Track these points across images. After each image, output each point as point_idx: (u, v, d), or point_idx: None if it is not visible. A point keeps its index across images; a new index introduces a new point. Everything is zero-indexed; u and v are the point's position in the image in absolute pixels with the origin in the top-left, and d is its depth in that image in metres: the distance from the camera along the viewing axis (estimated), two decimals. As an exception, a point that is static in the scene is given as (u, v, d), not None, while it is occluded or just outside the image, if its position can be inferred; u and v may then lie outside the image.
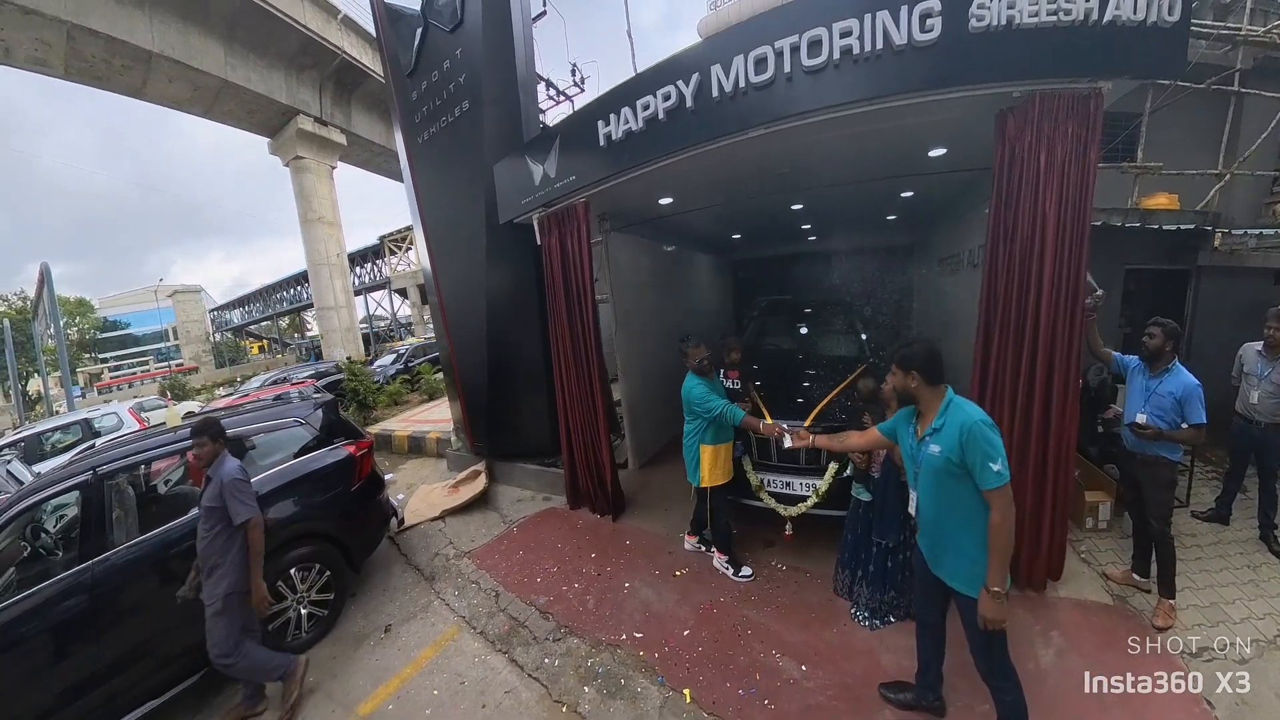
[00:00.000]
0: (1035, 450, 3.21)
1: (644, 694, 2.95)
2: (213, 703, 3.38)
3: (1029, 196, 3.00)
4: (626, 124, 3.91)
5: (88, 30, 15.49)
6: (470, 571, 4.40)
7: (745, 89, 3.32)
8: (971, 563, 2.16)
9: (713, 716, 2.77)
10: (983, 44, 2.80)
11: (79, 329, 48.41)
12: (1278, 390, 3.61)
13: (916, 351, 2.24)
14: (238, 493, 2.97)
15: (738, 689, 2.91)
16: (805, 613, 3.47)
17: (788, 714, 2.73)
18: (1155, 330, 3.18)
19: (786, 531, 4.01)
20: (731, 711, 2.77)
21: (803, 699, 2.80)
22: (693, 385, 3.79)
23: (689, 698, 2.88)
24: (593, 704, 2.94)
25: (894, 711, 2.66)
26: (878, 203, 6.56)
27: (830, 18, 2.98)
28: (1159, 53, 2.78)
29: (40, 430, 10.10)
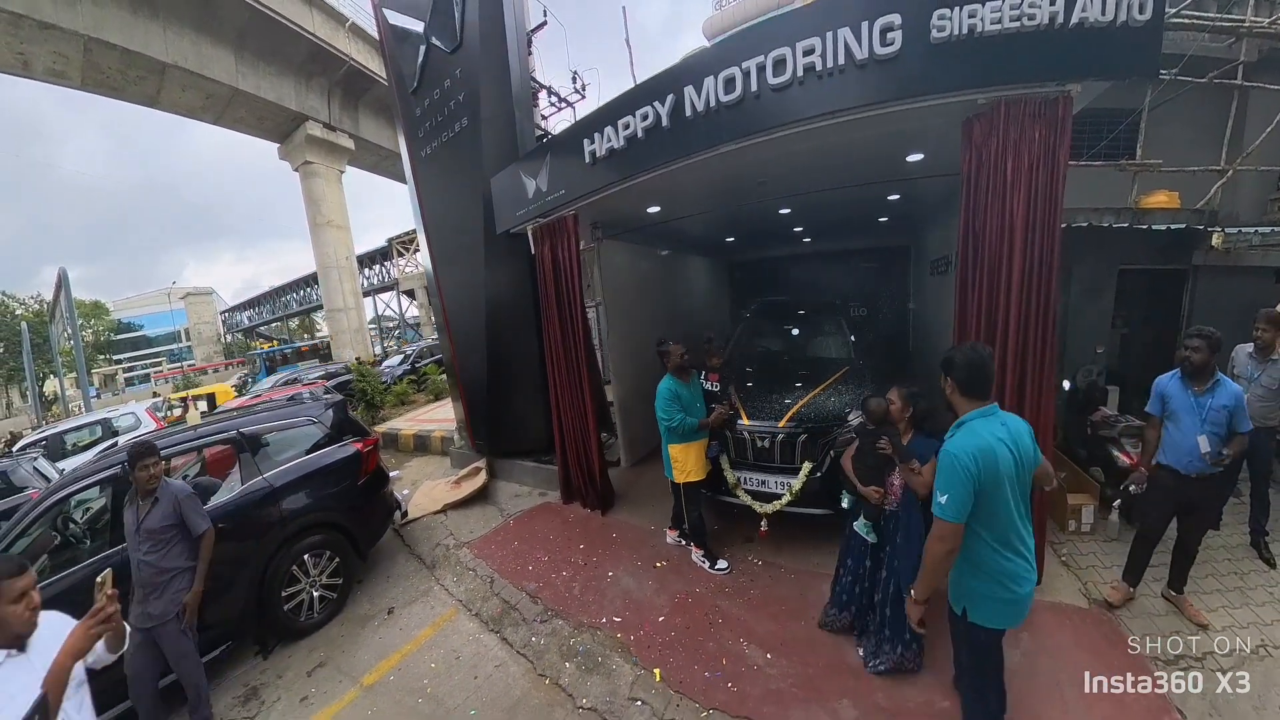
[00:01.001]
0: None
1: (618, 671, 3.23)
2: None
3: (996, 202, 3.02)
4: (609, 141, 4.17)
5: (104, 43, 15.94)
6: (468, 560, 4.73)
7: (716, 108, 3.50)
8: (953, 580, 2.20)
9: (678, 694, 2.99)
10: (945, 54, 2.84)
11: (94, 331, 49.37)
12: (1268, 393, 3.48)
13: (957, 357, 2.10)
14: (196, 507, 3.12)
15: (704, 671, 3.12)
16: (776, 605, 3.63)
17: (749, 696, 2.90)
18: (1198, 343, 2.88)
19: (762, 528, 4.17)
20: (696, 691, 2.99)
21: (764, 684, 2.98)
22: (661, 389, 4.03)
23: (658, 677, 3.12)
24: (572, 678, 3.24)
25: (851, 701, 2.78)
26: (867, 206, 6.58)
27: (794, 37, 3.14)
28: (1130, 52, 2.74)
29: (62, 429, 10.54)
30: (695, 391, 4.22)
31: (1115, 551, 3.74)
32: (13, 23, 14.60)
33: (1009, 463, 1.98)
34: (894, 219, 7.76)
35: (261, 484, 4.09)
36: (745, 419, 4.39)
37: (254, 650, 3.99)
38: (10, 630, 1.74)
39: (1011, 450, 2.00)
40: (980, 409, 2.07)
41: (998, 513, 2.00)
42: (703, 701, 2.92)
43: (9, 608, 1.73)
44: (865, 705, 2.76)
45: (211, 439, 4.25)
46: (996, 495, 1.98)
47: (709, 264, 10.74)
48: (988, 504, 1.99)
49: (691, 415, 4.00)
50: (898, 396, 2.83)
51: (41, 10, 14.48)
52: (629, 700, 3.01)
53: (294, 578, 4.07)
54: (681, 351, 4.11)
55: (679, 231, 7.49)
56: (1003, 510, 2.00)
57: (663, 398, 4.00)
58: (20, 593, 1.76)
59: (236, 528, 3.86)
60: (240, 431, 4.26)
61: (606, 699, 3.05)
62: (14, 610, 1.74)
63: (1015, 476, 2.01)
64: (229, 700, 3.53)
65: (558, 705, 3.08)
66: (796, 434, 4.19)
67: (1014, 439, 2.03)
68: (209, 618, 3.62)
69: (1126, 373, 5.80)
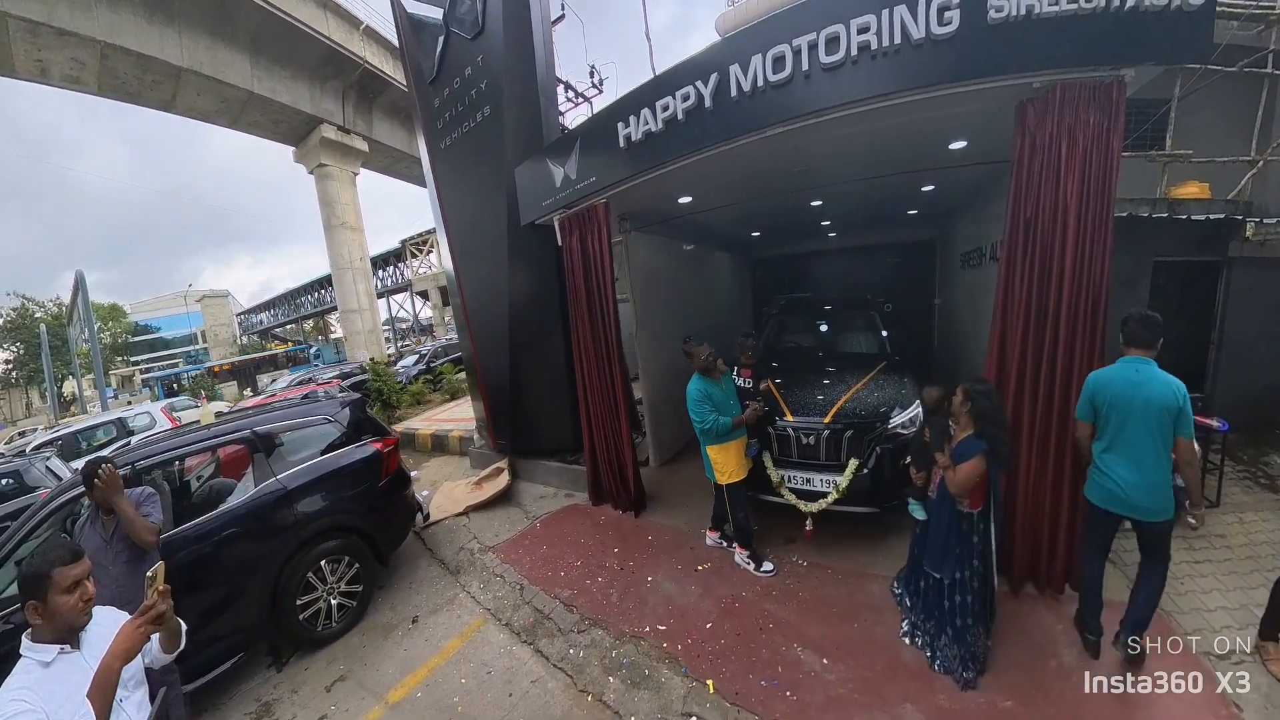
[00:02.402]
0: (1055, 449, 3.10)
1: (668, 684, 3.00)
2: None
3: (1050, 188, 2.94)
4: (646, 125, 3.97)
5: (120, 49, 16.06)
6: (495, 565, 4.49)
7: (764, 88, 3.34)
8: None
9: (735, 707, 2.80)
10: (1002, 35, 2.76)
11: (112, 333, 50.07)
12: None
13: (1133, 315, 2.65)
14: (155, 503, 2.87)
15: (760, 680, 2.94)
16: (826, 608, 3.47)
17: (810, 705, 2.75)
18: None
19: (807, 527, 4.03)
20: (754, 702, 2.81)
21: (825, 691, 2.82)
22: (691, 390, 3.88)
23: (712, 688, 2.92)
24: (618, 693, 2.99)
25: (914, 704, 2.66)
26: (899, 197, 6.49)
27: (848, 14, 2.98)
28: (1183, 37, 2.69)
29: (76, 429, 10.51)
30: (728, 390, 4.04)
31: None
32: (30, 30, 14.74)
33: (1122, 396, 2.57)
34: (923, 211, 7.65)
35: (275, 485, 3.88)
36: (789, 415, 4.23)
37: (267, 662, 3.76)
38: (62, 623, 1.62)
39: (1130, 389, 2.56)
40: (1128, 357, 2.63)
41: (1107, 425, 2.65)
42: (762, 713, 2.75)
43: (60, 598, 1.61)
44: (927, 706, 2.65)
45: (223, 439, 4.05)
46: (1109, 413, 2.62)
47: (731, 259, 10.53)
48: (1100, 417, 2.68)
49: (725, 414, 3.82)
50: (960, 391, 2.79)
51: (58, 17, 14.61)
52: (683, 716, 2.81)
53: (310, 585, 3.84)
54: (707, 352, 3.91)
55: (704, 225, 7.30)
56: (1110, 427, 2.64)
57: (693, 400, 3.85)
58: (74, 581, 1.64)
59: (248, 531, 3.66)
60: (254, 431, 4.06)
61: (658, 715, 2.82)
62: (66, 601, 1.62)
63: (1127, 408, 2.56)
64: (239, 717, 3.30)
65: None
66: (841, 430, 4.06)
67: (1139, 383, 2.56)
68: (219, 628, 3.42)
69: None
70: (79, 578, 1.65)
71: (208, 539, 3.50)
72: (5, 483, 6.62)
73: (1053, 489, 3.17)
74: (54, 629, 1.61)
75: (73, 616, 1.63)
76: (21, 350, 40.77)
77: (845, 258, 10.48)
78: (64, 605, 1.61)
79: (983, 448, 2.63)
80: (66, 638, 1.64)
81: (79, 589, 1.64)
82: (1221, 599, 3.13)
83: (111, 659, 1.58)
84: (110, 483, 2.65)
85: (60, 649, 1.60)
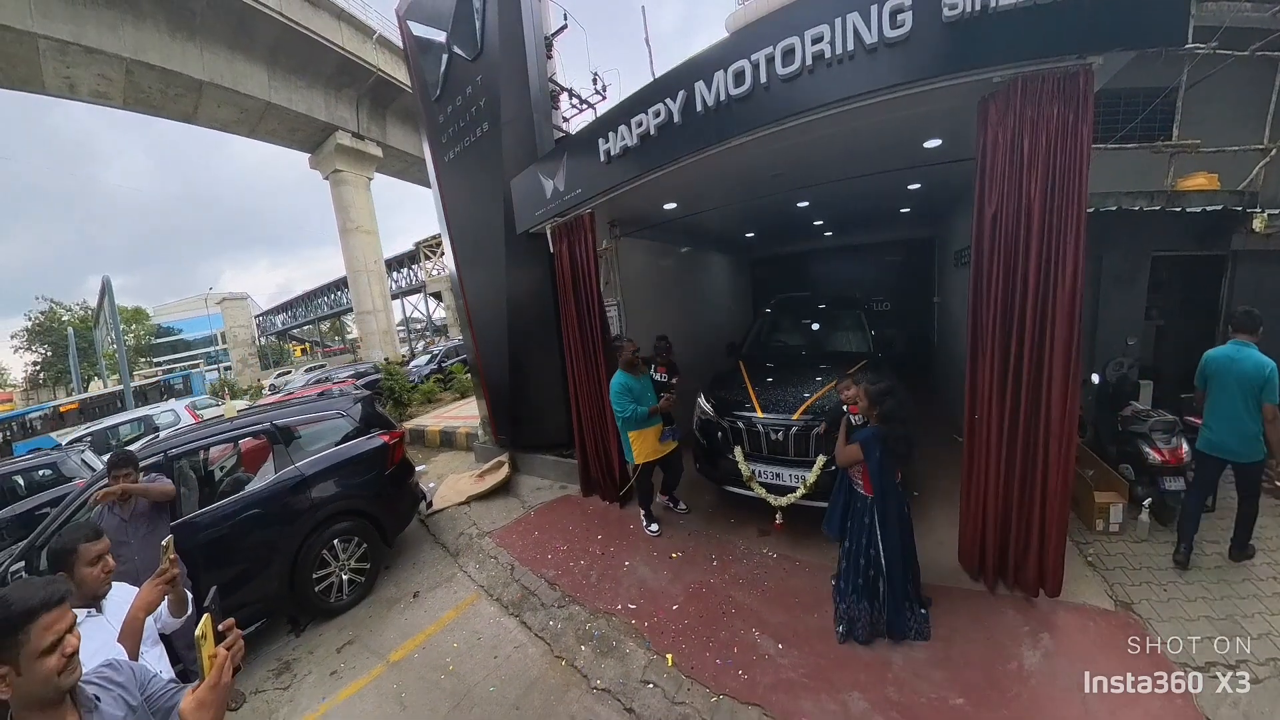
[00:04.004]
0: (1022, 453, 3.11)
1: (632, 655, 3.32)
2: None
3: (1013, 186, 2.91)
4: (623, 140, 4.28)
5: (145, 64, 16.76)
6: (490, 549, 4.88)
7: (726, 101, 3.56)
8: None
9: (689, 679, 3.05)
10: (958, 32, 2.76)
11: (136, 335, 51.56)
12: None
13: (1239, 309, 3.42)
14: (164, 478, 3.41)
15: (715, 658, 3.17)
16: (789, 598, 3.63)
17: (759, 685, 2.93)
18: None
19: (777, 521, 4.17)
20: (707, 676, 3.04)
21: (775, 673, 2.99)
22: (614, 386, 4.47)
23: (670, 662, 3.19)
24: (587, 660, 3.35)
25: (861, 693, 2.76)
26: (886, 196, 6.52)
27: (803, 25, 3.14)
28: (1156, 18, 2.58)
29: (108, 425, 11.16)
30: (645, 384, 4.63)
31: (1144, 552, 3.64)
32: (60, 49, 15.44)
33: (1223, 368, 3.35)
34: (916, 210, 7.64)
35: (293, 472, 4.31)
36: (759, 411, 4.44)
37: (287, 629, 4.22)
38: (89, 590, 1.93)
39: (1229, 363, 3.33)
40: (1235, 340, 3.37)
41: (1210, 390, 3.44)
42: (713, 687, 2.97)
43: (86, 569, 1.91)
44: (875, 697, 2.73)
45: (246, 431, 4.48)
46: (1213, 381, 3.41)
47: (729, 261, 10.75)
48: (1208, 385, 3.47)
49: (642, 405, 4.41)
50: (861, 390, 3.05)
51: (86, 36, 15.29)
52: (641, 683, 3.09)
53: (325, 561, 4.28)
54: (634, 348, 4.52)
55: (697, 228, 7.56)
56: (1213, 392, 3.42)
57: (614, 392, 4.44)
58: (97, 555, 1.94)
59: (270, 512, 4.09)
60: (274, 424, 4.49)
61: (620, 681, 3.14)
62: (91, 572, 1.92)
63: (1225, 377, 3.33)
64: (263, 673, 3.75)
65: (573, 685, 3.19)
66: (811, 426, 4.20)
67: (1237, 359, 3.30)
68: (245, 596, 3.88)
69: (1161, 366, 5.62)
70: (101, 552, 1.96)
71: (234, 518, 3.95)
72: (44, 473, 7.19)
73: (1021, 490, 3.16)
74: (80, 596, 1.89)
75: (96, 585, 1.94)
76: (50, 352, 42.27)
77: (845, 257, 10.51)
78: (89, 576, 1.91)
79: (864, 437, 2.94)
80: (91, 604, 1.93)
81: (100, 562, 1.95)
82: (1206, 608, 3.08)
83: (137, 610, 1.95)
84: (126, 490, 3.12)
85: (88, 612, 1.90)
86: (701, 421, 4.92)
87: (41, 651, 1.20)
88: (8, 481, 6.99)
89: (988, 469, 3.25)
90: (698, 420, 5.00)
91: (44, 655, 1.21)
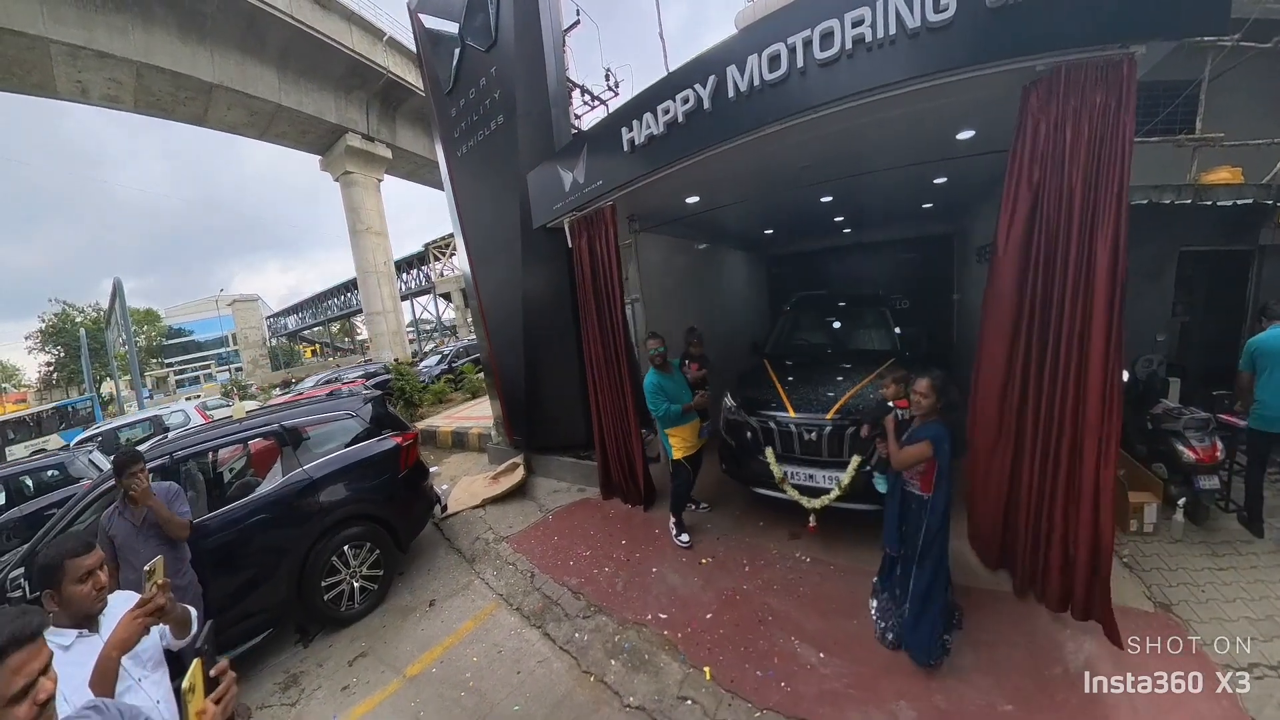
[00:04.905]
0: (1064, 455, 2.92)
1: (666, 669, 3.12)
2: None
3: (1054, 176, 2.81)
4: (648, 129, 4.11)
5: (155, 68, 16.88)
6: (508, 554, 4.67)
7: (760, 87, 3.41)
8: None
9: (730, 693, 2.87)
10: (1001, 18, 2.68)
11: (147, 337, 52.09)
12: None
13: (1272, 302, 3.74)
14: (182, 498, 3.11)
15: (756, 670, 3.00)
16: (825, 603, 3.49)
17: (804, 697, 2.78)
18: None
19: (810, 524, 4.02)
20: (749, 690, 2.87)
21: (819, 684, 2.85)
22: (646, 386, 4.34)
23: (708, 675, 3.00)
24: (618, 675, 3.14)
25: (908, 702, 2.66)
26: (911, 191, 6.37)
27: (842, 8, 2.99)
28: (1198, 7, 2.55)
29: (116, 425, 11.07)
30: (679, 380, 4.51)
31: (1180, 553, 3.54)
32: (71, 53, 15.56)
33: (1273, 350, 3.62)
34: (938, 205, 7.51)
35: (301, 475, 4.12)
36: (791, 411, 4.29)
37: (295, 638, 4.02)
38: (77, 610, 1.69)
39: (1276, 344, 3.62)
40: (1276, 325, 3.67)
41: (1262, 371, 3.67)
42: (756, 701, 2.80)
43: (74, 587, 1.67)
44: (923, 706, 2.62)
45: (255, 433, 4.31)
46: (1264, 362, 3.65)
47: (747, 258, 10.58)
48: (1257, 367, 3.69)
49: (676, 403, 4.28)
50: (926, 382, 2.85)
51: (97, 41, 15.40)
52: (678, 699, 2.90)
53: (334, 568, 4.08)
54: (653, 348, 4.39)
55: (716, 224, 7.38)
56: (1264, 372, 3.66)
57: (648, 391, 4.30)
58: (86, 571, 1.70)
59: (277, 517, 3.90)
60: (282, 425, 4.31)
61: (655, 697, 2.94)
62: (80, 590, 1.68)
63: (1274, 357, 3.61)
64: (269, 686, 3.55)
65: (604, 703, 2.98)
66: (844, 426, 4.07)
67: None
68: (250, 605, 3.68)
69: (1187, 363, 5.53)
70: (91, 568, 1.71)
71: (240, 523, 3.76)
72: (51, 474, 7.08)
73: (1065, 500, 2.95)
74: (70, 616, 1.68)
75: (86, 604, 1.69)
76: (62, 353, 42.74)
77: (862, 254, 10.35)
78: (77, 594, 1.67)
79: (933, 434, 2.74)
80: (84, 623, 1.70)
81: (91, 578, 1.70)
82: (1245, 608, 2.99)
83: (109, 649, 1.61)
84: (143, 494, 2.89)
85: (79, 633, 1.67)
86: (729, 422, 4.75)
87: (9, 699, 1.02)
88: (14, 481, 6.89)
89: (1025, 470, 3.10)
90: (724, 420, 4.83)
91: (12, 704, 1.02)
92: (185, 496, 3.20)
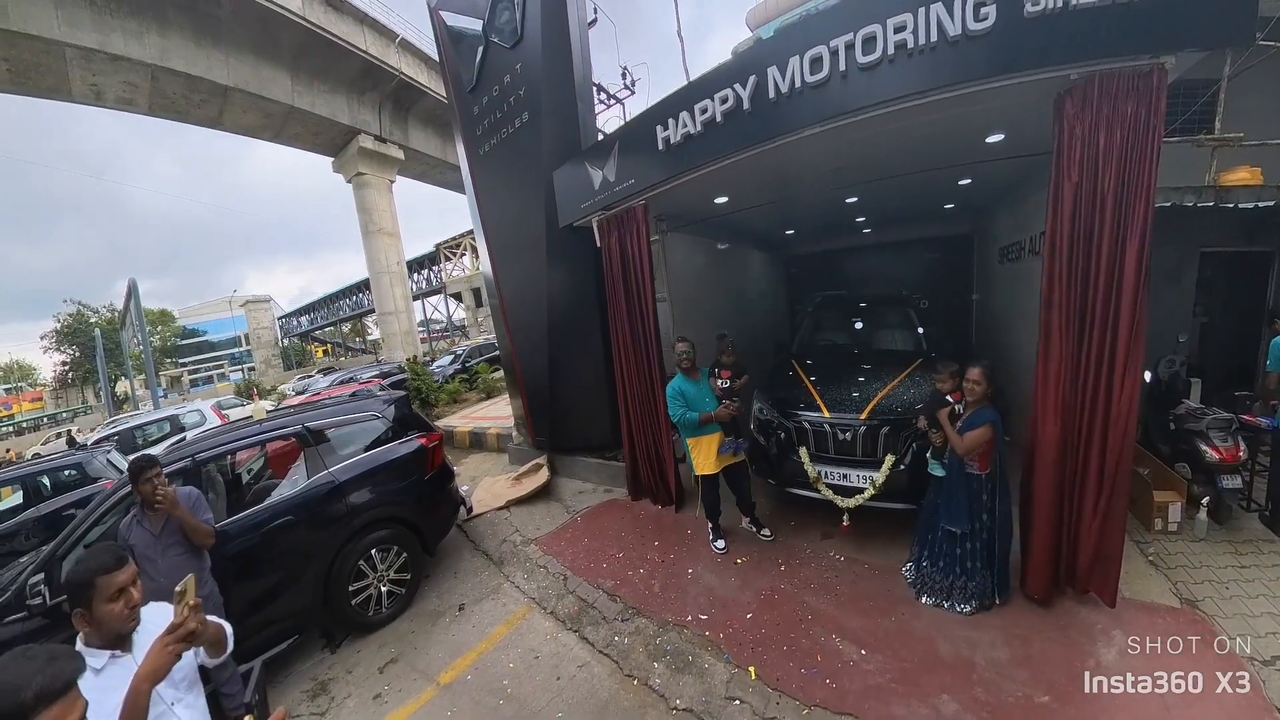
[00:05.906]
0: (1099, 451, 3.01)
1: (711, 670, 3.06)
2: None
3: (1089, 180, 2.89)
4: (685, 128, 4.04)
5: (170, 71, 16.93)
6: (537, 557, 4.60)
7: (801, 89, 3.38)
8: None
9: (777, 692, 2.86)
10: (1039, 28, 2.74)
11: (161, 337, 52.56)
12: None
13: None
14: (204, 505, 3.00)
15: (800, 668, 2.99)
16: (863, 601, 3.50)
17: (849, 693, 2.79)
18: None
19: (844, 523, 4.03)
20: (795, 688, 2.86)
21: (863, 680, 2.87)
22: (669, 387, 4.23)
23: (754, 675, 2.98)
24: (663, 678, 3.06)
25: (951, 695, 2.69)
26: (935, 192, 6.40)
27: (885, 13, 3.00)
28: (1225, 19, 2.62)
29: (133, 425, 11.10)
30: (703, 388, 4.30)
31: (1204, 551, 3.59)
32: (86, 57, 15.63)
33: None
34: (960, 206, 7.52)
35: (326, 478, 4.04)
36: (825, 411, 4.28)
37: (321, 644, 3.94)
38: (110, 630, 1.57)
39: None
40: None
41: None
42: (803, 699, 2.80)
43: (106, 606, 1.55)
44: (965, 699, 2.68)
45: (277, 433, 4.25)
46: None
47: (765, 258, 10.51)
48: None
49: (694, 410, 4.09)
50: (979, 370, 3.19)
51: (112, 44, 15.47)
52: (726, 699, 2.87)
53: (361, 572, 4.00)
54: (681, 351, 4.23)
55: (739, 224, 7.32)
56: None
57: (669, 396, 4.19)
58: (119, 589, 1.57)
59: (301, 521, 3.83)
60: (305, 426, 4.25)
61: (702, 699, 2.89)
62: (112, 609, 1.56)
63: None
64: (297, 694, 3.47)
65: (650, 707, 2.91)
66: (878, 426, 4.09)
67: None
68: (274, 611, 3.61)
69: (1207, 364, 5.59)
70: (124, 584, 1.58)
71: (263, 527, 3.68)
72: (69, 474, 7.05)
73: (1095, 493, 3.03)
74: (102, 636, 1.57)
75: (119, 624, 1.58)
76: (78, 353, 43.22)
77: (880, 254, 10.29)
78: (110, 613, 1.56)
79: (991, 417, 3.07)
80: (117, 643, 1.59)
81: (124, 595, 1.58)
82: (1268, 605, 3.04)
83: (140, 681, 1.47)
84: (169, 502, 2.77)
85: (111, 654, 1.56)
86: (760, 421, 4.73)
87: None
88: (32, 481, 6.87)
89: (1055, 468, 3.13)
90: (755, 420, 4.80)
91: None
92: (207, 502, 3.12)
